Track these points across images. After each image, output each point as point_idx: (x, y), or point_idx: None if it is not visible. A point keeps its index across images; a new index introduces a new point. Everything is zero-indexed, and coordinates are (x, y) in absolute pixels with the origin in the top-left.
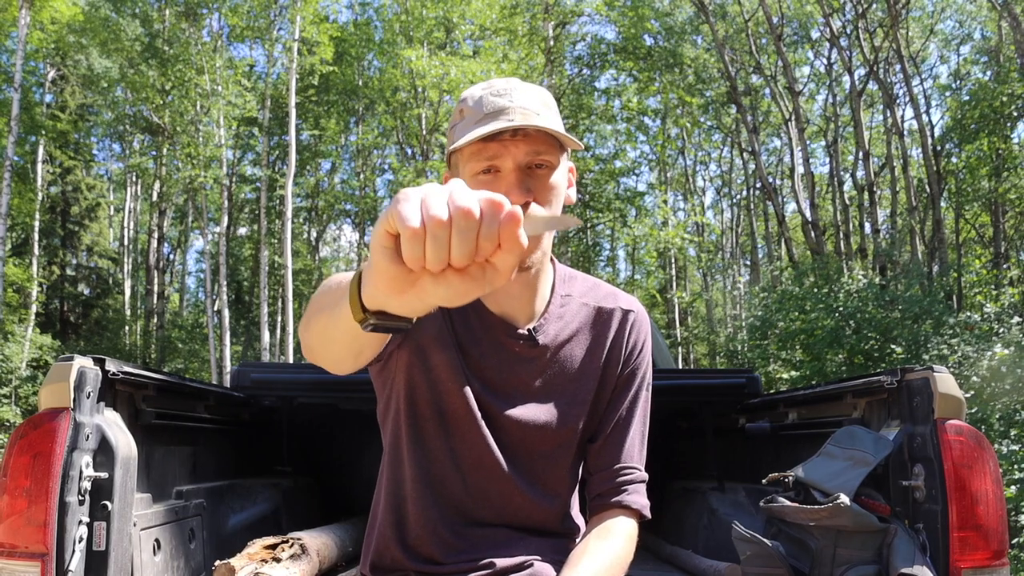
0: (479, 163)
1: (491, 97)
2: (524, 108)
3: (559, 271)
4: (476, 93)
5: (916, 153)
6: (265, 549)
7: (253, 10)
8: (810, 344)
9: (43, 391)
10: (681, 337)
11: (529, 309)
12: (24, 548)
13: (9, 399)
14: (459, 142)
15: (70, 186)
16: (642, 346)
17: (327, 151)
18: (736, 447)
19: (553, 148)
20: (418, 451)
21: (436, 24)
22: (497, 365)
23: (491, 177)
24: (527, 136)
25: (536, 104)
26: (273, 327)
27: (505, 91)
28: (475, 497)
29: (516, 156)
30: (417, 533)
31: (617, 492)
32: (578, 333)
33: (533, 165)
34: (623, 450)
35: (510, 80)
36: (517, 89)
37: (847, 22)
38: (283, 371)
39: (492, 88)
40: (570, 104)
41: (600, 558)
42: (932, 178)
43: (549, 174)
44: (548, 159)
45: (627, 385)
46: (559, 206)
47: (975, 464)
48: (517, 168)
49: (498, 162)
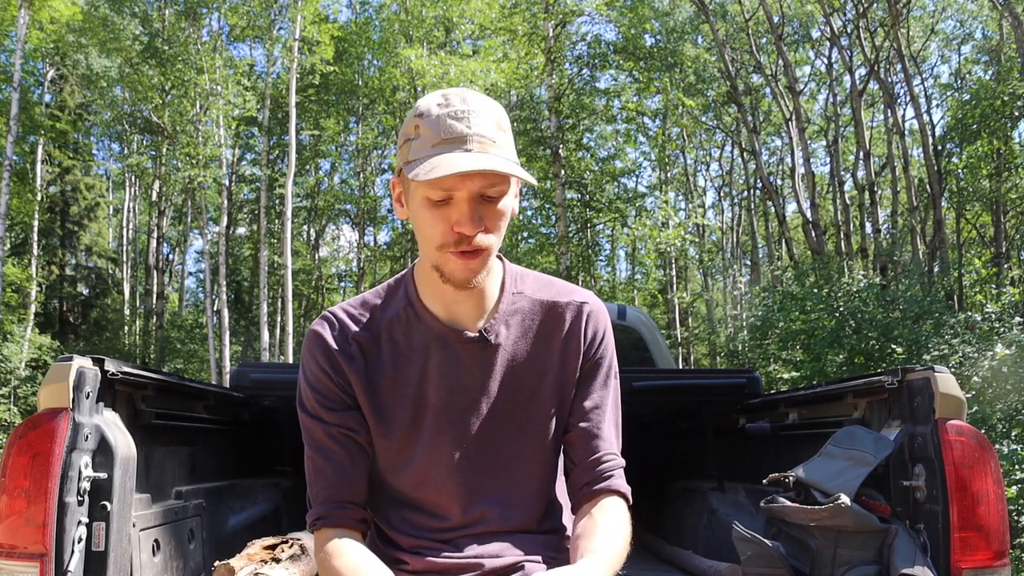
0: (434, 192)
1: (448, 120)
2: (481, 137)
3: (509, 270)
4: (433, 110)
5: (917, 153)
6: (265, 549)
7: (253, 10)
8: (810, 344)
9: (42, 391)
10: (681, 337)
11: (477, 311)
12: (23, 548)
13: (8, 399)
14: (418, 173)
15: (69, 186)
16: (602, 336)
17: (327, 151)
18: (736, 447)
19: (507, 179)
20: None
21: (436, 23)
22: (453, 371)
23: (444, 205)
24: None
25: (492, 130)
26: (272, 327)
27: (463, 113)
28: (456, 502)
29: (471, 188)
30: (403, 540)
31: (601, 479)
32: (532, 329)
33: (486, 196)
34: (600, 439)
35: (466, 95)
36: (475, 111)
37: (848, 21)
38: (283, 371)
39: (449, 107)
40: (570, 104)
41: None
42: (933, 178)
43: (499, 201)
44: (501, 189)
45: (593, 375)
46: (505, 226)
47: (976, 464)
48: (471, 199)
49: (452, 192)
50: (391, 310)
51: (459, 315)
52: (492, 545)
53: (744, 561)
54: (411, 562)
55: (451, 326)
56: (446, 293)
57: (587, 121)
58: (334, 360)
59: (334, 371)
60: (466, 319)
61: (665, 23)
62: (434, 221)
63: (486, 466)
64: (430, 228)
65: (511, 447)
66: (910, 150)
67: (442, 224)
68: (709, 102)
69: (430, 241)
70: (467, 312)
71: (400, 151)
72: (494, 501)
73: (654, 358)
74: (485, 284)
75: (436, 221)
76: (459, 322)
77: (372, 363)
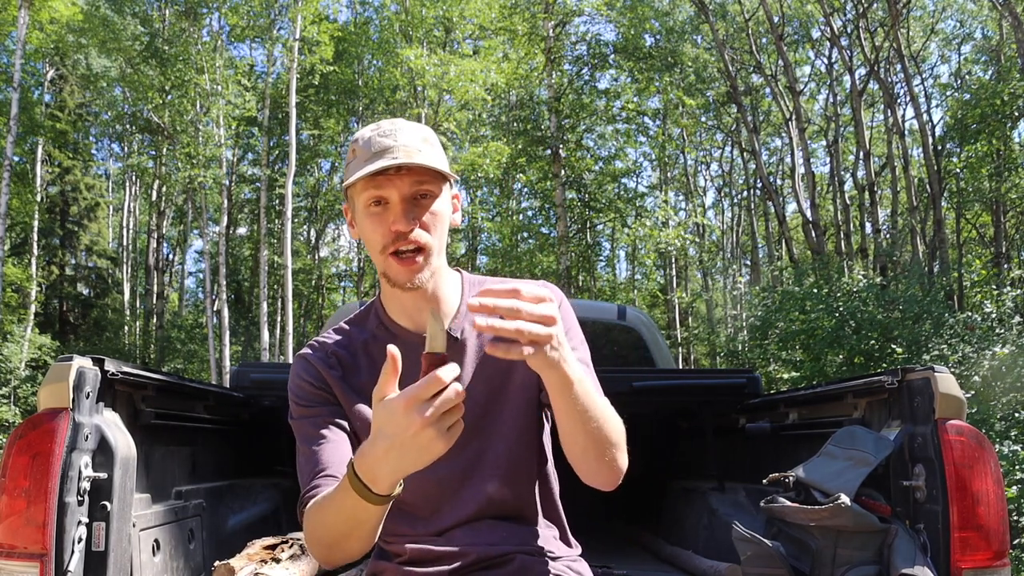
0: (370, 196)
1: (378, 138)
2: (406, 146)
3: (466, 277)
4: (366, 135)
5: (917, 153)
6: (265, 549)
7: (253, 10)
8: (810, 344)
9: (42, 391)
10: (681, 337)
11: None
12: (23, 548)
13: (8, 399)
14: (351, 179)
15: (69, 186)
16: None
17: (327, 151)
18: (736, 447)
19: (435, 179)
20: None
21: (436, 23)
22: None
23: (381, 208)
24: (410, 171)
25: (416, 142)
26: (273, 327)
27: (390, 131)
28: (448, 495)
29: (401, 189)
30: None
31: None
32: None
33: (418, 195)
34: None
35: (396, 121)
36: (401, 129)
37: (848, 21)
38: (283, 371)
39: (379, 130)
40: (570, 104)
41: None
42: (933, 178)
43: (432, 203)
44: (430, 189)
45: None
46: (444, 230)
47: (976, 464)
48: (403, 199)
49: (385, 194)
50: (365, 332)
51: (423, 323)
52: (489, 534)
53: (744, 561)
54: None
55: (419, 333)
56: (408, 304)
57: (587, 121)
58: (314, 370)
59: (315, 379)
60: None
61: (665, 23)
62: (374, 226)
63: (471, 458)
64: (371, 233)
65: (489, 440)
66: (910, 150)
67: (381, 227)
68: (709, 102)
69: (374, 247)
70: None
71: (344, 176)
72: (484, 493)
73: (654, 358)
74: (440, 292)
75: (376, 225)
76: (423, 328)
77: (350, 371)
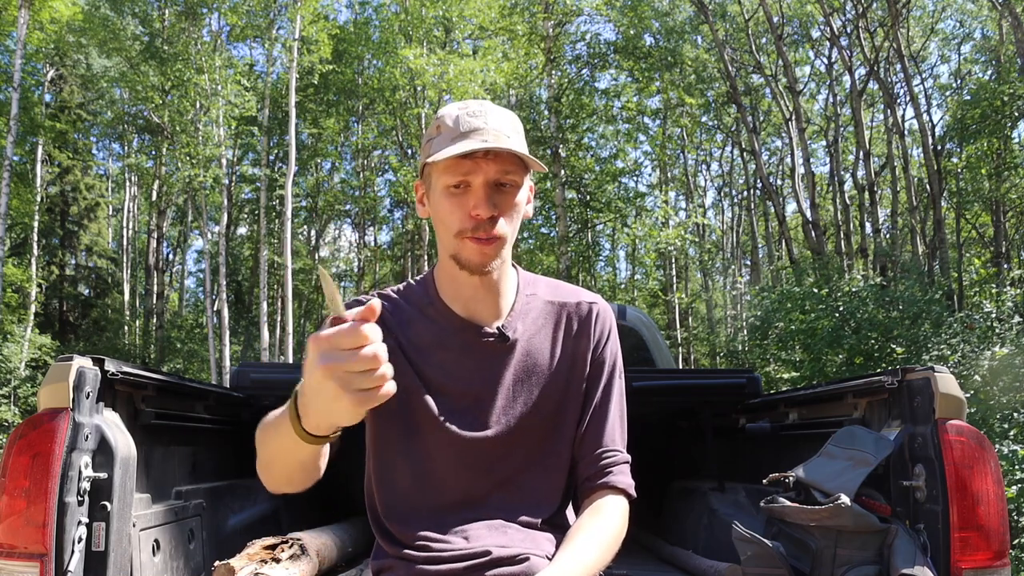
0: (452, 177)
1: (467, 117)
2: (497, 130)
3: (522, 276)
4: (453, 112)
5: (917, 153)
6: (265, 549)
7: (253, 9)
8: (810, 344)
9: (42, 391)
10: (681, 337)
11: (495, 310)
12: (23, 548)
13: (8, 399)
14: (435, 156)
15: (69, 186)
16: (608, 334)
17: (327, 151)
18: (736, 447)
19: (520, 169)
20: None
21: (435, 23)
22: (472, 364)
23: (462, 191)
24: (498, 156)
25: (507, 127)
26: (273, 327)
27: (480, 112)
28: (463, 491)
29: (487, 173)
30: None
31: (603, 474)
32: (545, 327)
33: (500, 183)
34: (604, 434)
35: (484, 103)
36: (491, 112)
37: (847, 21)
38: (283, 371)
39: (468, 109)
40: (570, 104)
41: (595, 534)
42: (933, 178)
43: (514, 192)
44: (514, 179)
45: (599, 372)
46: (518, 221)
47: (976, 464)
48: (486, 184)
49: (470, 178)
50: (412, 307)
51: (478, 312)
52: (503, 532)
53: (744, 561)
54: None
55: (471, 322)
56: (465, 291)
57: (587, 121)
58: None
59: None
60: (484, 316)
61: (665, 23)
62: (452, 208)
63: (497, 458)
64: (449, 215)
65: (524, 440)
66: (910, 150)
67: (460, 211)
68: (709, 102)
69: (449, 228)
70: (485, 310)
71: (422, 152)
72: (503, 493)
73: (654, 358)
74: (502, 285)
75: (454, 208)
76: (478, 319)
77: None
